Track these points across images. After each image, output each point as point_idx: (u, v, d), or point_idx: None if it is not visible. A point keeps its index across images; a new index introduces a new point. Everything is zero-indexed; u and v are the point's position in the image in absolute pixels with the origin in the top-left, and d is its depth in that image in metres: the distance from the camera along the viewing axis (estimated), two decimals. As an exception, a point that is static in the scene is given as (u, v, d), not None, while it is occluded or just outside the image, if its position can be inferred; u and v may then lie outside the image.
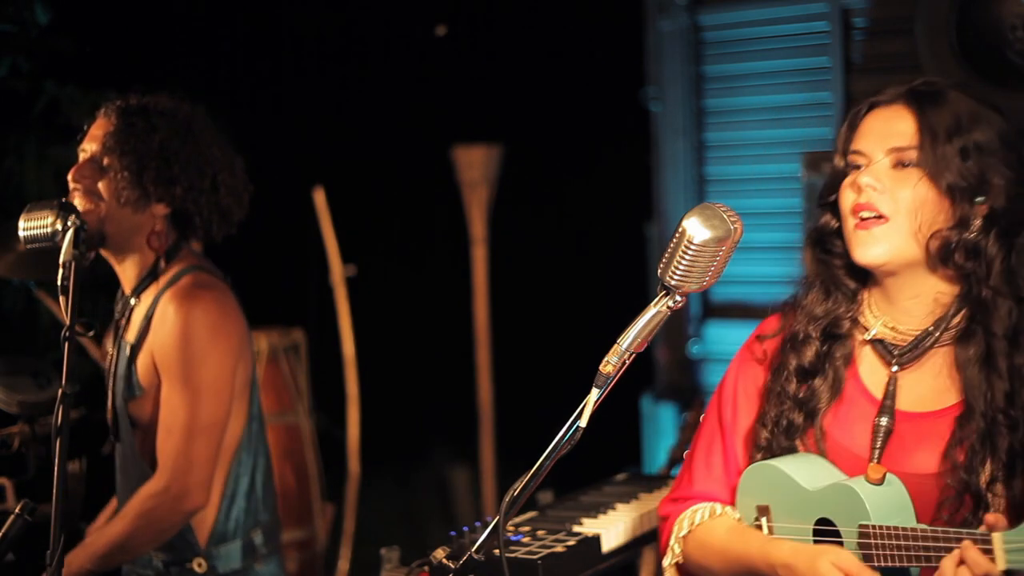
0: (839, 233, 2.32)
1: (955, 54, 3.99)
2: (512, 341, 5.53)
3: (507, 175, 5.48)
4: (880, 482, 2.16)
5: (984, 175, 2.21)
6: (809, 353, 2.33)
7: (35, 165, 4.45)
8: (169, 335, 2.98)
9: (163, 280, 3.06)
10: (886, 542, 2.09)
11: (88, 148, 3.04)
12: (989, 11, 3.98)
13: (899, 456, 2.23)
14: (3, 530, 2.43)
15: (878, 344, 2.31)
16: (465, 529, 2.83)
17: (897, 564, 2.08)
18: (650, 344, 2.03)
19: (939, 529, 2.05)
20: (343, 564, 5.09)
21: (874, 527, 2.11)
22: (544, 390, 4.17)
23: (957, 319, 2.25)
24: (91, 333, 3.15)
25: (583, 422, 2.02)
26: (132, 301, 3.08)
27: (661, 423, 4.90)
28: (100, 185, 2.99)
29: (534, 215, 5.63)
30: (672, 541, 2.43)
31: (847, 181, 2.28)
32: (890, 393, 2.27)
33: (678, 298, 2.01)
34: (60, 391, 2.51)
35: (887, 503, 2.14)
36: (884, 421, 2.25)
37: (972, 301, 2.23)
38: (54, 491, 2.43)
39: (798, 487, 2.24)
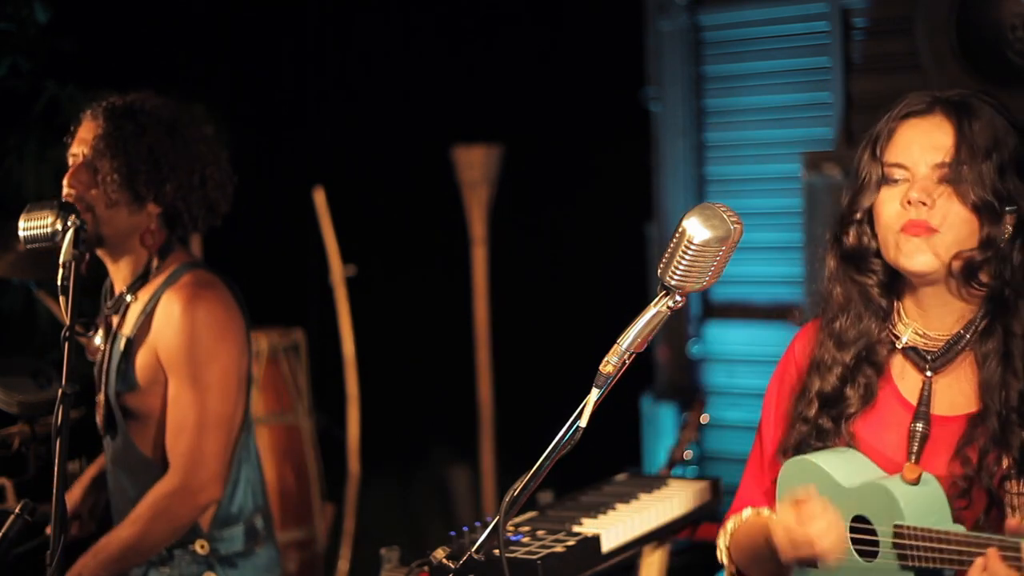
0: (878, 252, 2.30)
1: (955, 54, 4.00)
2: (512, 341, 5.53)
3: (507, 175, 5.48)
4: (916, 482, 2.15)
5: (1013, 192, 2.21)
6: (832, 379, 2.32)
7: (35, 165, 4.44)
8: (176, 335, 2.99)
9: (160, 277, 3.07)
10: (921, 543, 2.09)
11: (79, 152, 3.04)
12: (989, 11, 3.99)
13: (934, 460, 2.23)
14: (3, 530, 2.43)
15: (911, 351, 2.30)
16: (465, 529, 2.83)
17: (931, 565, 2.09)
18: (650, 344, 2.03)
19: (971, 534, 2.05)
20: (343, 564, 5.08)
21: (909, 528, 2.11)
22: (544, 390, 4.17)
23: (983, 319, 2.25)
24: (91, 333, 3.16)
25: (583, 422, 2.02)
26: (128, 298, 3.08)
27: (661, 423, 4.90)
28: (93, 190, 3.00)
29: (534, 215, 5.62)
30: (719, 553, 2.46)
31: (889, 194, 2.25)
32: (924, 399, 2.27)
33: (678, 298, 2.00)
34: (60, 391, 2.51)
35: (922, 504, 2.14)
36: (920, 427, 2.25)
37: (994, 301, 2.23)
38: (54, 491, 2.43)
39: (834, 483, 2.23)
